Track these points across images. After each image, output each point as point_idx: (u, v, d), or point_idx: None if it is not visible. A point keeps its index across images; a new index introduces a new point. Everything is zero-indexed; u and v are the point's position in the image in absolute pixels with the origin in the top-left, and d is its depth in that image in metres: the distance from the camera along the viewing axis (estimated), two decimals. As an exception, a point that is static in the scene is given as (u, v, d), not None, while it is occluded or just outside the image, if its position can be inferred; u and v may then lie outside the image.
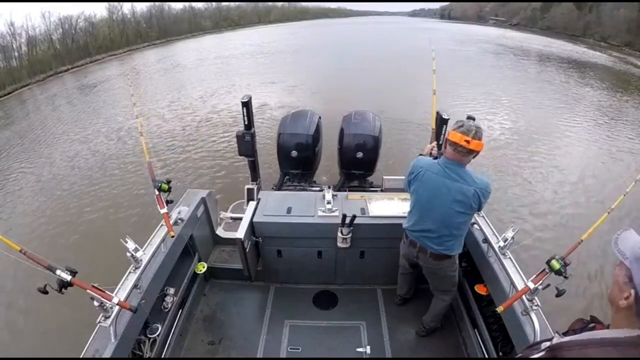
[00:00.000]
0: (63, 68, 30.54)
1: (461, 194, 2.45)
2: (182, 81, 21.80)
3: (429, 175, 2.56)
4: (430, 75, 3.65)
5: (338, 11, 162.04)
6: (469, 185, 2.43)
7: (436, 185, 2.52)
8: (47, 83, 26.27)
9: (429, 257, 2.77)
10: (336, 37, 50.13)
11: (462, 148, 2.33)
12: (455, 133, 2.34)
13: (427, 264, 2.86)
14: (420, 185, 2.62)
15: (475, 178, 2.45)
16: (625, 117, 14.43)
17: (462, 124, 2.35)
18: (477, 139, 2.31)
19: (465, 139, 2.30)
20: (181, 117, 14.40)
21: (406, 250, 2.98)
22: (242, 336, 3.33)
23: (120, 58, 36.48)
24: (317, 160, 4.95)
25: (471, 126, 2.32)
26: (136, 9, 47.91)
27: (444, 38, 43.34)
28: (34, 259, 1.97)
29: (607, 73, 25.42)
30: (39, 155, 11.77)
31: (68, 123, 15.04)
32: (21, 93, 23.60)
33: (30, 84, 25.73)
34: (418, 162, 2.69)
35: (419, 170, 2.62)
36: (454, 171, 2.46)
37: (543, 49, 36.40)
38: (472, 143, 2.30)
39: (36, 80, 26.55)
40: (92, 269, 4.21)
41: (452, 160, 2.46)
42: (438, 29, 61.59)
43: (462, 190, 2.44)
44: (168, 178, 2.93)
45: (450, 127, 2.47)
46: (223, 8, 70.83)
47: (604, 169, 9.83)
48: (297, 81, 20.18)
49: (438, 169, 2.52)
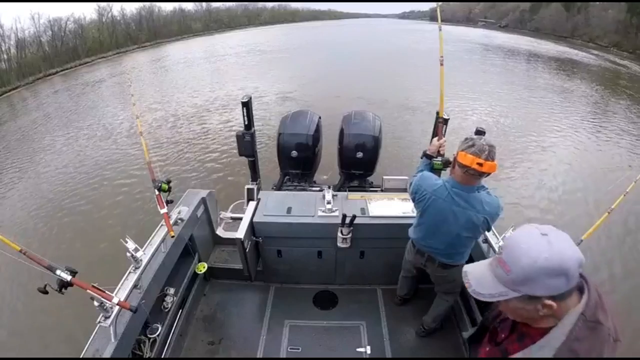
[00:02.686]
0: (52, 71, 30.46)
1: (470, 222, 2.31)
2: (178, 82, 21.82)
3: (436, 202, 2.38)
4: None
5: (328, 13, 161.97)
6: (478, 212, 2.27)
7: (444, 213, 2.37)
8: (36, 86, 26.13)
9: (437, 267, 2.73)
10: (329, 38, 50.43)
11: (474, 171, 2.09)
12: (466, 155, 2.08)
13: (435, 272, 2.83)
14: (427, 210, 2.47)
15: (484, 203, 2.27)
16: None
17: (472, 143, 2.08)
18: (491, 159, 2.05)
19: (477, 161, 2.04)
20: (181, 117, 14.42)
21: (413, 258, 2.90)
22: (242, 336, 3.31)
23: (109, 60, 36.36)
24: (317, 160, 4.92)
25: (484, 146, 2.04)
26: (126, 11, 47.80)
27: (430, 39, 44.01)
28: (34, 259, 1.95)
29: (595, 73, 25.77)
30: (39, 156, 11.79)
31: (68, 122, 15.14)
32: (10, 96, 23.45)
33: (19, 87, 25.55)
34: (424, 182, 2.46)
35: (424, 194, 2.43)
36: (463, 197, 2.28)
37: (531, 49, 36.96)
38: (486, 165, 2.05)
39: (25, 83, 26.37)
40: (92, 269, 4.19)
41: (461, 184, 2.26)
42: (427, 30, 62.08)
43: (471, 218, 2.30)
44: (168, 178, 2.92)
45: (459, 146, 2.18)
46: (213, 10, 70.72)
47: (604, 169, 9.91)
48: (295, 78, 20.61)
49: (445, 195, 2.33)
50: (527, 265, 1.02)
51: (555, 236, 1.04)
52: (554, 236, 1.04)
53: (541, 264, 1.00)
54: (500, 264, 1.10)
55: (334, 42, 45.08)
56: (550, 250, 1.00)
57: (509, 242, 1.11)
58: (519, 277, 1.05)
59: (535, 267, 1.01)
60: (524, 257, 1.03)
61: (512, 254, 1.07)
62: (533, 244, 1.04)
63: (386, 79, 20.40)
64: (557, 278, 1.01)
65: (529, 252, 1.03)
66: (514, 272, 1.06)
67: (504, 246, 1.13)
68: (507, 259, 1.08)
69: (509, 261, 1.07)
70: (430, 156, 2.71)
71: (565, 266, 1.00)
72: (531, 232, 1.07)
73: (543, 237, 1.04)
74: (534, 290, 1.04)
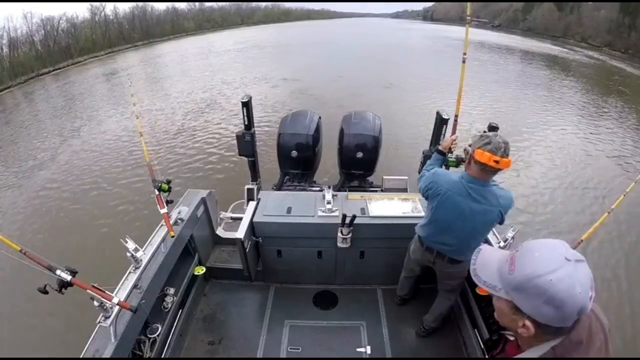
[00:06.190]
0: (45, 70, 30.21)
1: (485, 216, 2.37)
2: (175, 82, 21.75)
3: (452, 197, 2.41)
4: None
5: (321, 13, 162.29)
6: (493, 206, 2.33)
7: (459, 208, 2.40)
8: (28, 85, 25.97)
9: (447, 262, 2.73)
10: (323, 37, 50.70)
11: (490, 168, 2.18)
12: (483, 152, 2.15)
13: (444, 269, 2.83)
14: (442, 206, 2.48)
15: (498, 197, 2.33)
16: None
17: (488, 140, 2.15)
18: (506, 156, 2.14)
19: (494, 159, 2.12)
20: (180, 117, 14.39)
21: (421, 256, 2.89)
22: (242, 336, 3.30)
23: (102, 60, 36.17)
24: (317, 160, 4.92)
25: (500, 143, 2.12)
26: (119, 10, 47.49)
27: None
28: (34, 259, 1.94)
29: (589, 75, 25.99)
30: (37, 155, 11.74)
31: (64, 122, 15.11)
32: (2, 96, 23.24)
33: (12, 86, 25.36)
34: (438, 178, 2.50)
35: (438, 189, 2.46)
36: (478, 192, 2.33)
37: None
38: (502, 162, 2.13)
39: (17, 82, 26.18)
40: (92, 269, 4.17)
41: (477, 179, 2.31)
42: (421, 29, 62.66)
43: (486, 212, 2.35)
44: (168, 178, 2.90)
45: (474, 142, 2.25)
46: (206, 9, 70.57)
47: (604, 169, 10.00)
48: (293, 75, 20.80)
49: (461, 190, 2.37)
50: (528, 275, 0.96)
51: (575, 268, 0.94)
52: (574, 267, 0.94)
53: (542, 282, 0.93)
54: (511, 260, 1.04)
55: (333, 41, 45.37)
56: (560, 276, 0.92)
57: (529, 245, 1.04)
58: (516, 281, 1.00)
59: (534, 282, 0.95)
60: (529, 266, 0.98)
61: (523, 257, 1.02)
62: (548, 259, 0.97)
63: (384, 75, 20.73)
64: (549, 307, 0.94)
65: (538, 264, 0.97)
66: (514, 275, 1.00)
67: (522, 246, 1.06)
68: (517, 258, 1.03)
69: (518, 262, 1.02)
70: (442, 152, 2.76)
71: (564, 301, 0.92)
72: (555, 249, 0.99)
73: (563, 261, 0.95)
74: (522, 303, 0.99)
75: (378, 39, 45.58)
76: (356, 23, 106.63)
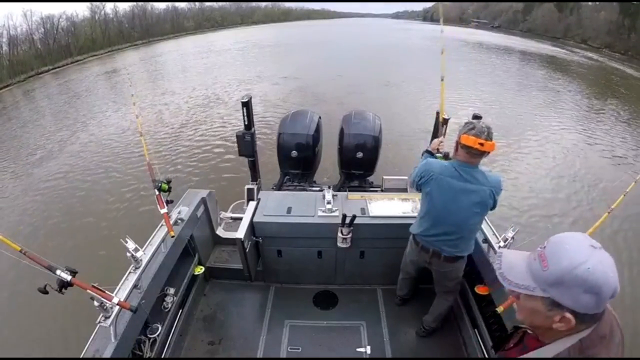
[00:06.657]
0: (44, 68, 30.22)
1: (478, 195, 2.45)
2: (174, 81, 21.70)
3: (444, 180, 2.51)
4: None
5: (321, 13, 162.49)
6: (484, 185, 2.44)
7: (453, 190, 2.49)
8: (27, 83, 25.97)
9: (443, 261, 2.74)
10: (323, 37, 50.73)
11: (476, 151, 2.32)
12: (468, 137, 2.30)
13: (440, 268, 2.84)
14: (435, 190, 2.57)
15: (488, 177, 2.46)
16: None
17: (472, 126, 2.32)
18: (490, 139, 2.29)
19: (479, 141, 2.27)
20: (180, 117, 14.37)
21: (416, 257, 2.92)
22: (242, 336, 3.29)
23: (101, 59, 36.16)
24: (317, 160, 4.92)
25: (483, 127, 2.29)
26: (119, 9, 47.55)
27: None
28: (34, 259, 1.93)
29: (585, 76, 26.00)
30: (36, 156, 11.70)
31: (64, 122, 15.04)
32: (1, 94, 23.22)
33: (11, 84, 25.35)
34: (430, 165, 2.61)
35: (431, 175, 2.56)
36: (469, 173, 2.44)
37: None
38: (486, 145, 2.28)
39: (17, 80, 26.18)
40: (92, 269, 4.17)
41: (465, 163, 2.44)
42: (420, 29, 62.72)
43: (479, 191, 2.45)
44: (168, 178, 2.89)
45: (460, 129, 2.39)
46: (206, 9, 70.58)
47: (604, 169, 10.01)
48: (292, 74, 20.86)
49: (453, 173, 2.48)
50: (567, 268, 0.96)
51: (602, 254, 0.98)
52: (601, 254, 0.98)
53: (580, 272, 0.94)
54: (541, 257, 1.04)
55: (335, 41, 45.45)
56: (594, 264, 0.95)
57: (556, 239, 1.05)
58: (553, 277, 0.99)
59: (574, 274, 0.95)
60: (566, 259, 0.98)
61: (555, 252, 1.01)
62: (579, 250, 0.98)
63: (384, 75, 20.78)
64: (589, 295, 0.95)
65: (574, 256, 0.97)
66: (550, 271, 0.99)
67: (548, 242, 1.06)
68: (548, 254, 1.02)
69: (550, 258, 1.01)
70: (431, 152, 2.91)
71: (601, 287, 0.94)
72: (580, 239, 1.02)
73: (591, 249, 0.98)
74: (562, 296, 0.99)
75: (378, 39, 45.68)
76: (356, 23, 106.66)
